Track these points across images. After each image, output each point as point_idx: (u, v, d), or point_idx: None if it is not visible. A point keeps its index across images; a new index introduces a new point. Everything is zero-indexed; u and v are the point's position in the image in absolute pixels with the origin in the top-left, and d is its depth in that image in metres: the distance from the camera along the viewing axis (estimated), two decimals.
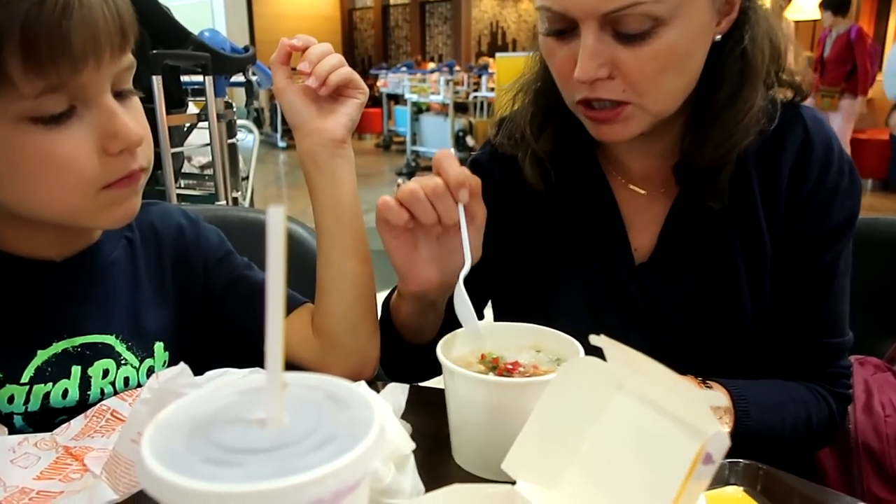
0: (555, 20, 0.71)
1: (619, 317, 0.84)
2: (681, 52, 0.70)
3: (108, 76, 0.61)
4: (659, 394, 0.47)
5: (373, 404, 0.36)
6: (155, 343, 0.75)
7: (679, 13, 0.68)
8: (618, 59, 0.69)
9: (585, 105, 0.75)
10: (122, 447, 0.54)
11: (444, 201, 0.70)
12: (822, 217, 0.79)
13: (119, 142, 0.61)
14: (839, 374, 0.82)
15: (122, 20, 0.60)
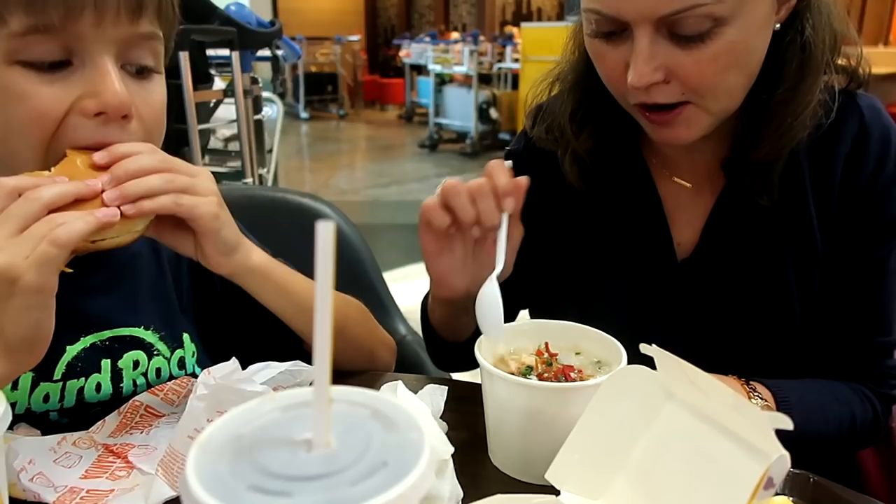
0: (604, 22, 0.67)
1: (660, 313, 0.82)
2: (742, 50, 0.66)
3: (112, 38, 0.57)
4: (715, 409, 0.45)
5: (422, 426, 0.35)
6: (183, 334, 0.74)
7: (741, 10, 0.63)
8: (674, 62, 0.65)
9: (643, 107, 0.71)
10: (178, 444, 0.54)
11: (485, 200, 0.68)
12: (877, 211, 0.75)
13: (96, 103, 0.57)
14: (886, 375, 0.79)
15: None
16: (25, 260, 0.49)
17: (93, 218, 0.52)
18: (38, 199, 0.51)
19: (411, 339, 1.21)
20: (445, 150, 7.67)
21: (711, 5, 0.62)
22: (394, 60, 11.52)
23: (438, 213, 0.69)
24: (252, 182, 2.25)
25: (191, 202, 0.58)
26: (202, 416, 0.54)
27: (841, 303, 0.78)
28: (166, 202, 0.57)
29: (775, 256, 0.78)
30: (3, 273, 0.49)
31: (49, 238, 0.50)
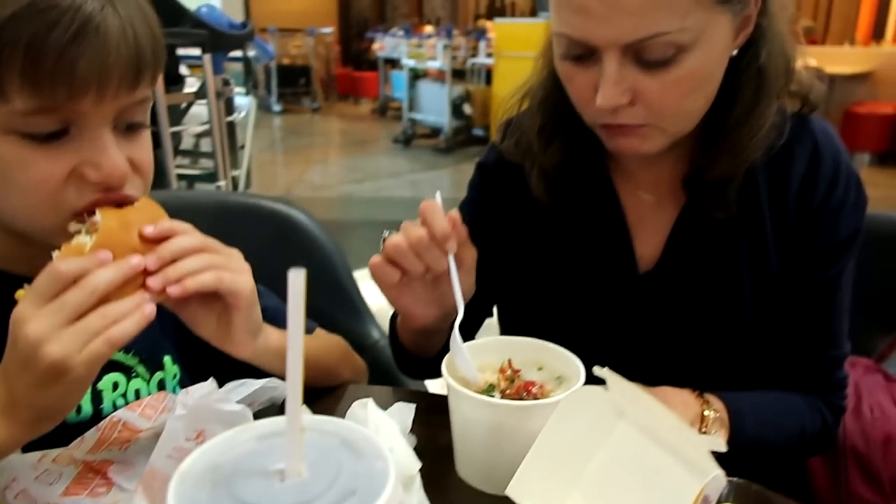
0: (574, 46, 0.70)
1: (623, 324, 0.86)
2: (702, 76, 0.70)
3: (111, 109, 0.59)
4: (660, 428, 0.48)
5: (387, 455, 0.38)
6: (164, 356, 0.76)
7: (702, 38, 0.67)
8: (640, 85, 0.69)
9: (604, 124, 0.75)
10: (158, 463, 0.56)
11: (430, 252, 0.69)
12: (830, 230, 0.80)
13: (98, 174, 0.59)
14: (836, 386, 0.84)
15: (140, 56, 0.58)
16: (79, 354, 0.51)
17: (142, 316, 0.55)
18: (94, 289, 0.53)
19: (384, 345, 1.23)
20: (419, 145, 7.68)
21: (675, 34, 0.65)
22: (367, 53, 11.45)
23: (387, 270, 0.71)
24: (225, 185, 2.25)
25: (231, 278, 0.61)
26: (180, 436, 0.56)
27: (794, 317, 0.82)
28: (209, 279, 0.59)
29: (732, 271, 0.82)
30: (57, 365, 0.51)
31: (106, 337, 0.52)
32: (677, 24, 0.65)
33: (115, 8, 0.57)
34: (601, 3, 0.65)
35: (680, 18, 0.65)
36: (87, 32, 0.54)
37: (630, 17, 0.65)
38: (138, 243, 0.59)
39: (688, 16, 0.65)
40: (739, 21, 0.71)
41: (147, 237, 0.59)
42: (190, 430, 0.57)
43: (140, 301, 0.55)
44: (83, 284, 0.53)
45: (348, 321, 1.23)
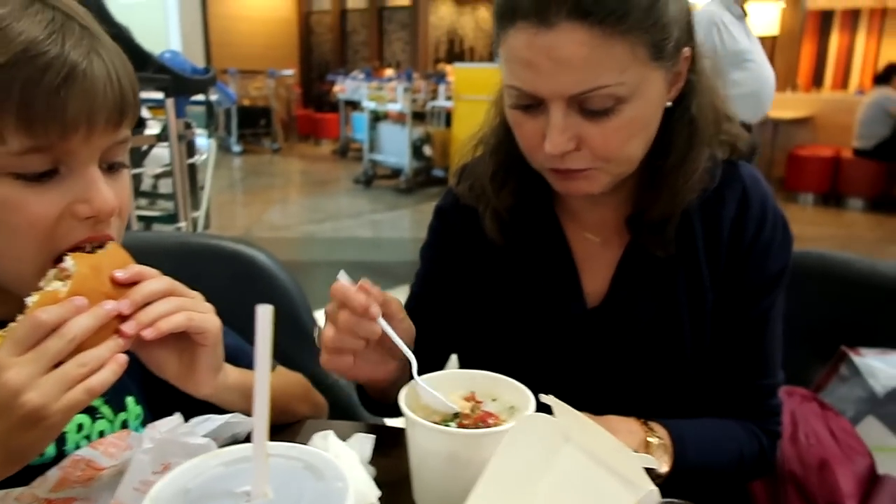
0: (523, 97, 0.76)
1: (573, 357, 0.90)
2: (640, 124, 0.77)
3: (98, 147, 0.63)
4: (601, 450, 0.52)
5: (346, 475, 0.41)
6: (126, 397, 0.77)
7: (638, 91, 0.74)
8: (584, 133, 0.75)
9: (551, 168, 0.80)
10: (124, 496, 0.57)
11: (361, 326, 0.71)
12: (759, 268, 0.86)
13: (90, 208, 0.62)
14: (771, 413, 0.90)
15: (123, 98, 0.63)
16: (57, 402, 0.53)
17: (118, 365, 0.58)
18: (73, 338, 0.56)
19: (344, 383, 1.25)
20: (380, 185, 7.75)
21: (614, 87, 0.72)
22: (328, 95, 11.55)
23: (338, 360, 0.73)
24: (185, 226, 2.25)
25: (201, 317, 0.64)
26: (147, 469, 0.58)
27: (729, 349, 0.88)
28: (181, 320, 0.62)
29: (672, 305, 0.87)
30: (35, 413, 0.53)
31: (85, 387, 0.55)
32: (616, 79, 0.71)
33: (100, 55, 0.61)
34: (548, 60, 0.71)
35: (618, 73, 0.71)
36: (76, 76, 0.59)
37: (574, 73, 0.71)
38: (110, 288, 0.61)
39: (625, 71, 0.72)
40: (672, 76, 0.78)
41: (118, 281, 0.61)
42: (156, 463, 0.58)
43: (115, 347, 0.58)
44: (62, 333, 0.55)
45: (309, 360, 1.24)
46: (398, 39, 13.64)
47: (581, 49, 0.70)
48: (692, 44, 0.79)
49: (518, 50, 0.73)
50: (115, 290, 0.62)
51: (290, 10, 14.07)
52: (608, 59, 0.71)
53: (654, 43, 0.72)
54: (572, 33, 0.69)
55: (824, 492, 0.91)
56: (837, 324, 1.19)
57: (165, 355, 0.66)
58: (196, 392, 0.69)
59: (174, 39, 10.91)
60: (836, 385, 1.14)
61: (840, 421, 1.03)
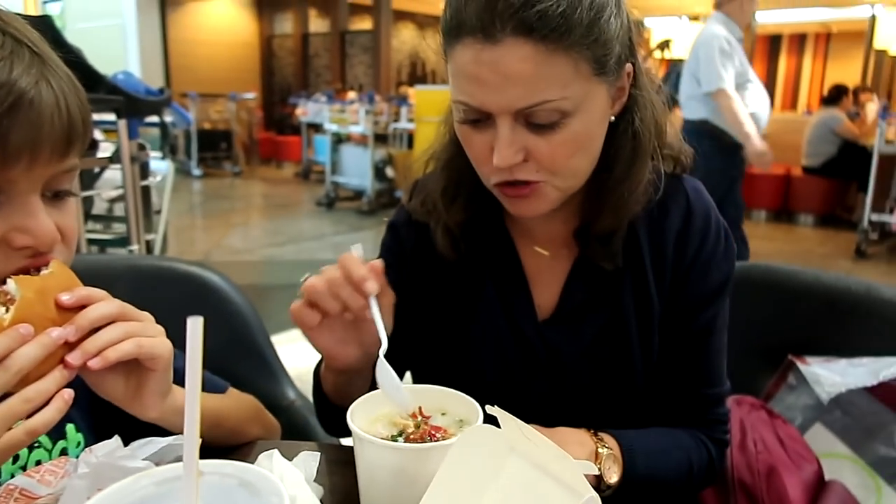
0: (471, 112, 0.77)
1: (525, 369, 0.91)
2: (586, 138, 0.79)
3: (40, 177, 0.61)
4: (544, 459, 0.53)
5: (282, 490, 0.40)
6: (66, 424, 0.75)
7: (582, 106, 0.76)
8: (531, 146, 0.76)
9: (502, 184, 0.81)
10: None
11: (344, 289, 0.74)
12: (703, 279, 0.88)
13: (27, 237, 0.60)
14: (718, 421, 0.91)
15: (71, 127, 0.60)
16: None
17: (63, 403, 0.55)
18: (18, 370, 0.53)
19: (300, 405, 1.24)
20: (342, 207, 7.72)
21: (558, 101, 0.73)
22: (290, 118, 11.53)
23: (307, 313, 0.76)
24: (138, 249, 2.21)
25: (150, 343, 0.62)
26: (83, 495, 0.56)
27: (675, 359, 0.89)
28: (129, 347, 0.60)
29: (621, 317, 0.88)
30: None
31: (26, 428, 0.53)
32: (560, 93, 0.73)
33: (49, 82, 0.59)
34: (494, 75, 0.72)
35: (562, 88, 0.73)
36: (21, 106, 0.56)
37: (519, 87, 0.72)
38: (55, 313, 0.58)
39: (569, 86, 0.73)
40: (615, 91, 0.80)
41: (63, 306, 0.58)
42: (93, 488, 0.57)
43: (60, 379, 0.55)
44: (7, 366, 0.53)
45: (263, 382, 1.23)
46: (360, 63, 13.71)
47: (525, 64, 0.71)
48: (634, 60, 0.81)
49: (465, 65, 0.74)
50: (61, 314, 0.59)
51: (252, 33, 14.05)
52: (552, 74, 0.72)
53: (596, 59, 0.74)
54: (517, 49, 0.71)
55: (773, 499, 0.92)
56: (784, 334, 1.22)
57: (112, 378, 0.64)
58: (142, 415, 0.67)
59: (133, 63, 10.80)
60: (784, 393, 1.17)
61: (788, 429, 1.05)
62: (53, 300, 0.59)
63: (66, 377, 0.56)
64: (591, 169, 0.83)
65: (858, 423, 1.08)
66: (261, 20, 14.09)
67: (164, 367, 0.64)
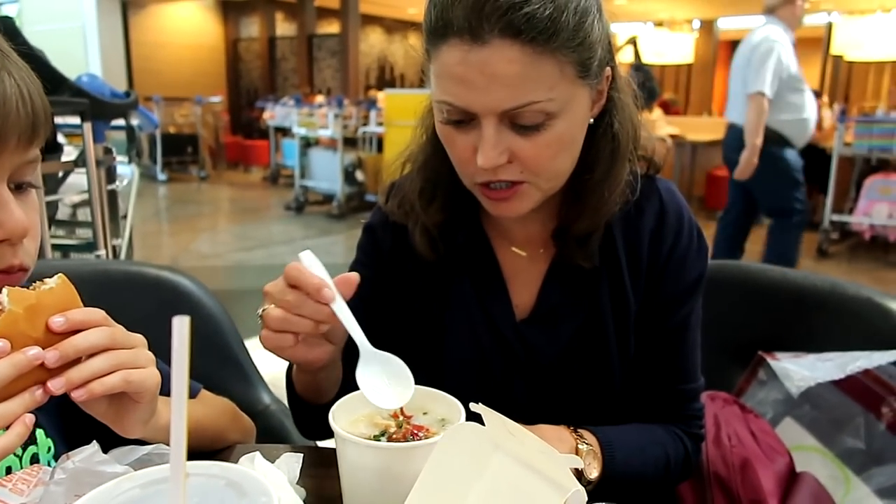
0: (455, 112, 0.77)
1: (504, 368, 0.91)
2: (569, 139, 0.80)
3: (7, 168, 0.60)
4: (529, 455, 0.53)
5: (270, 490, 0.40)
6: (36, 430, 0.73)
7: (567, 108, 0.76)
8: (515, 147, 0.77)
9: (484, 186, 0.81)
10: None
11: (307, 307, 0.71)
12: (677, 277, 0.90)
13: (1, 231, 0.60)
14: (693, 416, 0.93)
15: (35, 116, 0.60)
16: None
17: (24, 428, 0.52)
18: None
19: (275, 409, 1.22)
20: (312, 212, 7.66)
21: (544, 103, 0.74)
22: (257, 122, 11.41)
23: (278, 338, 0.72)
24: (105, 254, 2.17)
25: (139, 377, 0.59)
26: (60, 500, 0.55)
27: (651, 356, 0.91)
28: (116, 382, 0.57)
29: (598, 316, 0.89)
30: None
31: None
32: (546, 95, 0.74)
33: (10, 73, 0.59)
34: (481, 76, 0.73)
35: (548, 90, 0.74)
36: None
37: (506, 89, 0.73)
38: (42, 334, 0.55)
39: (554, 88, 0.74)
40: (595, 94, 0.81)
41: (55, 330, 0.56)
42: (70, 494, 0.55)
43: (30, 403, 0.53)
44: None
45: (238, 386, 1.21)
46: (328, 66, 13.64)
47: (513, 66, 0.72)
48: (613, 63, 0.83)
49: (450, 66, 0.74)
50: (48, 336, 0.55)
51: (217, 37, 13.88)
52: (539, 76, 0.73)
53: (581, 61, 0.75)
54: (504, 50, 0.71)
55: (747, 491, 0.94)
56: (754, 330, 1.24)
57: (94, 402, 0.61)
58: (124, 435, 0.64)
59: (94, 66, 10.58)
60: (756, 389, 1.19)
61: (760, 423, 1.07)
62: (44, 319, 0.55)
63: (37, 401, 0.53)
64: (571, 170, 0.84)
65: (826, 415, 1.11)
66: (226, 23, 13.94)
67: (149, 400, 0.62)
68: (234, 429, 0.88)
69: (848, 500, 1.06)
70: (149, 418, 0.64)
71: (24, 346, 0.54)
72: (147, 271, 1.27)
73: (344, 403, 0.70)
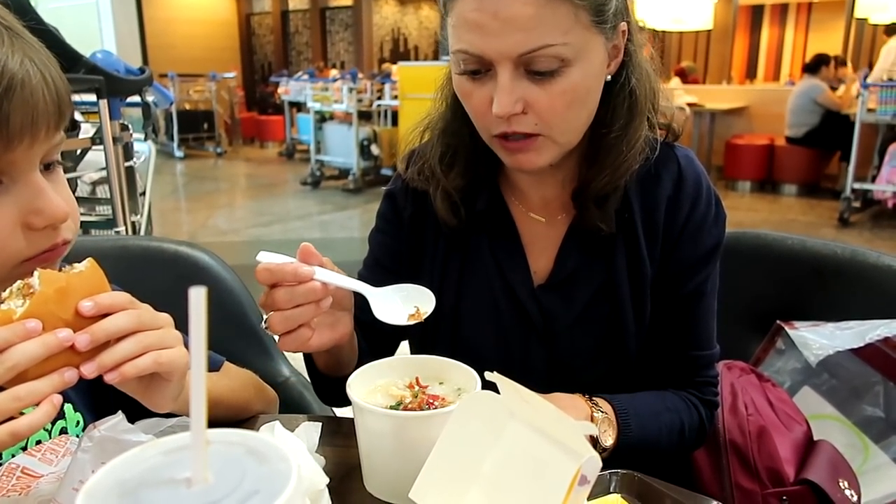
0: (471, 62, 0.78)
1: (521, 334, 0.92)
2: (583, 90, 0.80)
3: (39, 153, 0.62)
4: (544, 422, 0.53)
5: (290, 456, 0.41)
6: (64, 404, 0.75)
7: (581, 55, 0.77)
8: (530, 96, 0.77)
9: (502, 138, 0.82)
10: (63, 497, 0.55)
11: (297, 295, 0.70)
12: (694, 244, 0.89)
13: (43, 218, 0.62)
14: (707, 383, 0.93)
15: (60, 101, 0.61)
16: None
17: (52, 408, 0.53)
18: (14, 365, 0.51)
19: (295, 381, 1.24)
20: (328, 186, 7.68)
21: (558, 47, 0.75)
22: (272, 97, 11.38)
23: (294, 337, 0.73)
24: (124, 231, 2.19)
25: (168, 358, 0.59)
26: (87, 468, 0.56)
27: (666, 323, 0.91)
28: (147, 363, 0.58)
29: (614, 282, 0.90)
30: None
31: (10, 428, 0.51)
32: (560, 39, 0.74)
33: (32, 59, 0.59)
34: (495, 20, 0.74)
35: (562, 34, 0.74)
36: (15, 87, 0.57)
37: (520, 32, 0.74)
38: (72, 316, 0.56)
39: (569, 32, 0.75)
40: (611, 48, 0.81)
41: (84, 314, 0.56)
42: (96, 461, 0.57)
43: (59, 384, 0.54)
44: (2, 359, 0.51)
45: (258, 359, 1.23)
46: (342, 40, 13.55)
47: (527, 8, 0.73)
48: (628, 19, 0.83)
49: (466, 13, 0.76)
50: (78, 319, 0.56)
51: (230, 11, 13.81)
52: (553, 18, 0.74)
53: (596, 7, 0.76)
54: None
55: (764, 459, 0.94)
56: (772, 299, 1.23)
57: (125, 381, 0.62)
58: (154, 410, 0.65)
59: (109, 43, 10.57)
60: (774, 358, 1.19)
61: (778, 391, 1.07)
62: (73, 302, 0.56)
63: (66, 383, 0.54)
64: (587, 124, 0.84)
65: (845, 384, 1.11)
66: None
67: (179, 378, 0.62)
68: (258, 399, 0.90)
69: (866, 468, 1.06)
70: (178, 394, 0.65)
71: (53, 327, 0.54)
72: (166, 246, 1.29)
73: (361, 374, 0.71)
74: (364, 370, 0.72)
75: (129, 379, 0.57)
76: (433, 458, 0.57)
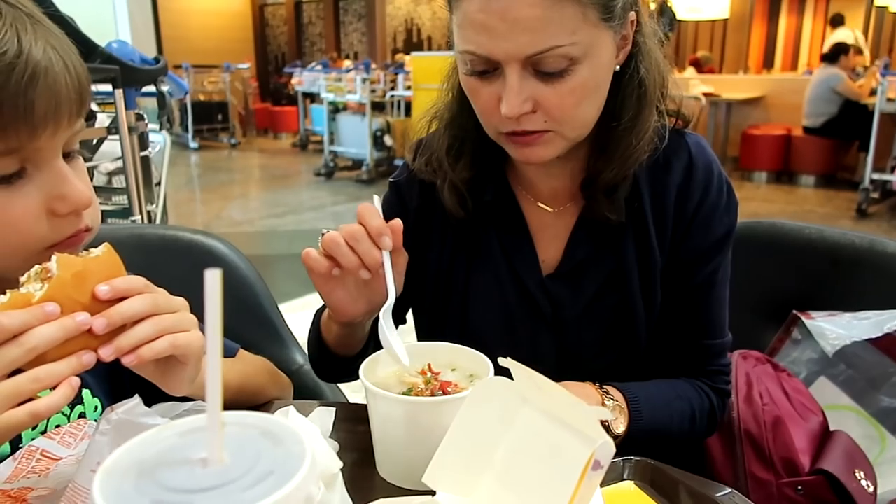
0: (478, 62, 0.77)
1: (530, 324, 0.92)
2: (593, 86, 0.79)
3: (61, 140, 0.62)
4: (557, 408, 0.53)
5: (304, 439, 0.41)
6: (82, 390, 0.75)
7: (590, 52, 0.76)
8: (539, 95, 0.77)
9: (509, 133, 0.81)
10: (82, 479, 0.56)
11: (362, 244, 0.75)
12: (705, 232, 0.88)
13: (67, 204, 0.63)
14: (719, 372, 0.92)
15: (81, 88, 0.62)
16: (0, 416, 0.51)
17: (70, 389, 0.53)
18: (33, 348, 0.52)
19: (308, 369, 1.25)
20: (341, 177, 7.69)
21: (567, 47, 0.74)
22: (286, 88, 11.40)
23: (316, 259, 0.77)
24: (140, 220, 2.21)
25: (185, 341, 0.60)
26: (105, 450, 0.57)
27: (677, 311, 0.90)
28: (164, 346, 0.58)
29: (624, 271, 0.89)
30: None
31: (29, 409, 0.52)
32: (568, 39, 0.73)
33: (54, 47, 0.60)
34: (503, 22, 0.73)
35: (570, 34, 0.73)
36: (39, 74, 0.58)
37: (527, 33, 0.73)
38: (89, 300, 0.57)
39: (577, 32, 0.74)
40: (619, 39, 0.80)
41: (100, 298, 0.57)
42: (114, 444, 0.57)
43: (77, 366, 0.54)
44: (22, 341, 0.52)
45: (272, 347, 1.24)
46: (355, 30, 13.52)
47: (534, 9, 0.71)
48: (637, 8, 0.81)
49: (473, 14, 0.74)
50: (95, 303, 0.57)
51: (244, 2, 13.83)
52: (560, 19, 0.72)
53: (604, 4, 0.75)
54: None
55: (779, 448, 0.94)
56: (789, 289, 1.22)
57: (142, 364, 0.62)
58: (170, 393, 0.66)
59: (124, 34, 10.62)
60: (790, 348, 1.18)
61: (793, 382, 1.07)
62: (90, 286, 0.57)
63: (84, 365, 0.55)
64: (597, 117, 0.83)
65: (862, 375, 1.10)
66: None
67: (195, 361, 0.63)
68: (273, 385, 0.91)
69: (882, 459, 1.05)
70: (194, 377, 0.66)
71: (71, 311, 0.55)
72: (181, 235, 1.30)
73: (374, 360, 0.72)
74: (376, 357, 0.73)
75: (145, 361, 0.58)
76: (446, 444, 0.57)
